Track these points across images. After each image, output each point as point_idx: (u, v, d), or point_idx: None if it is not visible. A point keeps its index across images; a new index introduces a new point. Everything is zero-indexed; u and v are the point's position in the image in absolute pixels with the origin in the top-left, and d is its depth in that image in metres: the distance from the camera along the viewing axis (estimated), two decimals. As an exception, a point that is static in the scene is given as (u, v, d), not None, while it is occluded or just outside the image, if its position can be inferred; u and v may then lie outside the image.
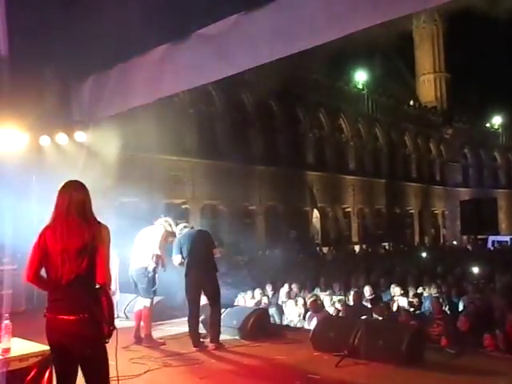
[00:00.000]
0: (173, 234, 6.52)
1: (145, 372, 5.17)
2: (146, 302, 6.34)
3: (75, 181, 3.23)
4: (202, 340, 6.22)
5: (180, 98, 19.89)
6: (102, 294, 2.99)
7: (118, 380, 3.37)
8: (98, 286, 3.01)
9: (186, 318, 6.32)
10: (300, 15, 5.99)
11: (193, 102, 21.38)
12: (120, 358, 5.59)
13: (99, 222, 3.14)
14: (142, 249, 6.42)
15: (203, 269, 6.18)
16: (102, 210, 3.64)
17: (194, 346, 6.07)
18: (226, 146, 22.03)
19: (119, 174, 16.12)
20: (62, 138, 10.05)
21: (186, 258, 6.25)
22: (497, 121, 42.12)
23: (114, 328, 3.00)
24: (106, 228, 3.13)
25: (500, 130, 42.27)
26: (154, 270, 6.31)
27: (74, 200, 3.10)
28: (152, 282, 6.29)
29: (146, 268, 6.26)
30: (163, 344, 6.30)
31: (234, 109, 23.29)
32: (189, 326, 6.23)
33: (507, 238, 30.57)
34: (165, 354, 5.88)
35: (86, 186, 3.26)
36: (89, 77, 8.43)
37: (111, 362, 3.17)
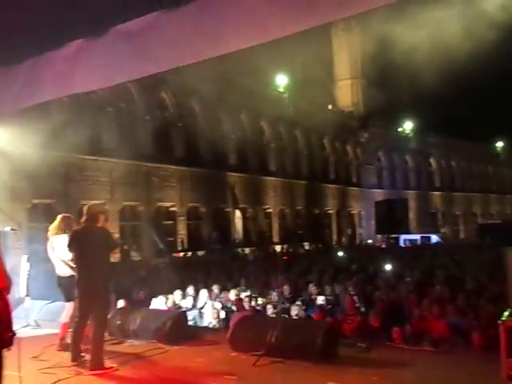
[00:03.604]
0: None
1: (54, 382, 4.94)
2: (69, 307, 6.07)
3: None
4: (82, 354, 5.53)
5: (98, 95, 19.24)
6: None
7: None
8: None
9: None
10: (222, 17, 5.97)
11: (112, 100, 20.77)
12: (28, 368, 5.37)
13: None
14: (57, 255, 6.16)
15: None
16: (12, 213, 3.45)
17: (72, 361, 5.44)
18: (146, 146, 21.62)
19: (31, 173, 15.40)
20: (-35, 134, 9.41)
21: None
22: (408, 126, 44.52)
23: (14, 334, 2.83)
24: None
25: (411, 134, 44.71)
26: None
27: None
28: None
29: (69, 275, 5.99)
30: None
31: (154, 108, 22.91)
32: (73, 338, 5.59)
33: (417, 237, 32.44)
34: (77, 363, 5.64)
35: None
36: (-4, 71, 7.95)
37: (14, 373, 2.99)
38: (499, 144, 54.43)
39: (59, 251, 6.13)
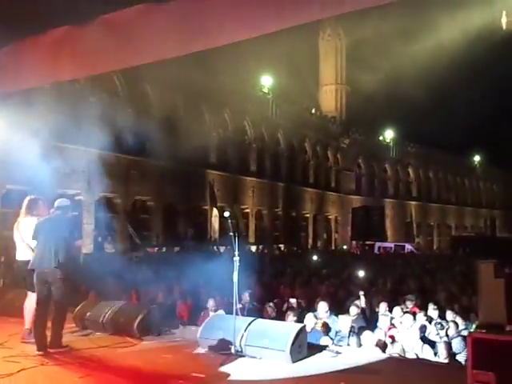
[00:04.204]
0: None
1: (18, 371, 4.85)
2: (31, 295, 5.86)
3: None
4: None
5: (81, 84, 19.02)
6: None
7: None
8: None
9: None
10: (210, 12, 5.97)
11: (95, 90, 20.53)
12: (-8, 355, 5.25)
13: None
14: (22, 237, 5.98)
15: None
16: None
17: (38, 350, 5.43)
18: (126, 139, 21.38)
19: (6, 159, 15.10)
20: None
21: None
22: (389, 135, 45.05)
23: None
24: None
25: (391, 143, 45.23)
26: None
27: None
28: None
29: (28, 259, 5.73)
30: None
31: (137, 101, 22.70)
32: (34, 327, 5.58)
33: (391, 245, 32.86)
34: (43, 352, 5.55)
35: None
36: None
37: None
38: (476, 158, 55.48)
39: (24, 233, 5.99)
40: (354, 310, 7.64)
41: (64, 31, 7.05)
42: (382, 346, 6.45)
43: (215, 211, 26.62)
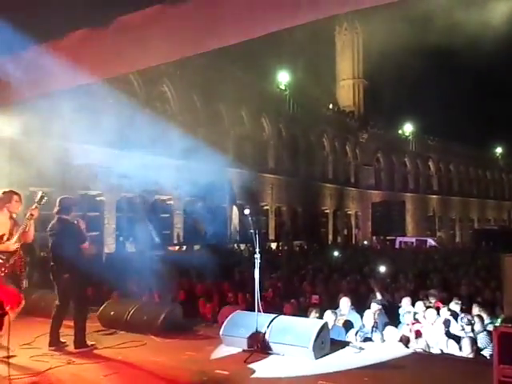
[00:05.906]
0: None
1: (46, 370, 4.95)
2: None
3: None
4: (62, 340, 5.84)
5: (99, 85, 19.17)
6: None
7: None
8: None
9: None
10: (223, 12, 6.01)
11: (113, 91, 20.69)
12: (20, 355, 5.36)
13: None
14: None
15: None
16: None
17: (49, 345, 5.70)
18: (145, 138, 21.51)
19: (30, 161, 15.37)
20: (-35, 119, 9.40)
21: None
22: (408, 128, 44.54)
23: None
24: None
25: (410, 137, 44.73)
26: None
27: None
28: None
29: None
30: None
31: (155, 100, 22.85)
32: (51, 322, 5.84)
33: (413, 239, 32.52)
34: (69, 351, 5.65)
35: None
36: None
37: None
38: (498, 150, 54.54)
39: None
40: (375, 306, 7.59)
41: (82, 34, 7.14)
42: (406, 342, 6.41)
43: (235, 209, 26.67)
